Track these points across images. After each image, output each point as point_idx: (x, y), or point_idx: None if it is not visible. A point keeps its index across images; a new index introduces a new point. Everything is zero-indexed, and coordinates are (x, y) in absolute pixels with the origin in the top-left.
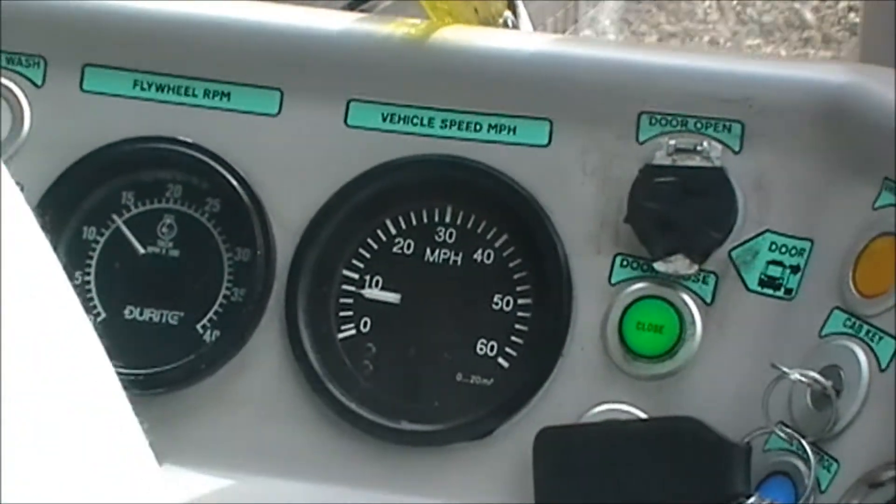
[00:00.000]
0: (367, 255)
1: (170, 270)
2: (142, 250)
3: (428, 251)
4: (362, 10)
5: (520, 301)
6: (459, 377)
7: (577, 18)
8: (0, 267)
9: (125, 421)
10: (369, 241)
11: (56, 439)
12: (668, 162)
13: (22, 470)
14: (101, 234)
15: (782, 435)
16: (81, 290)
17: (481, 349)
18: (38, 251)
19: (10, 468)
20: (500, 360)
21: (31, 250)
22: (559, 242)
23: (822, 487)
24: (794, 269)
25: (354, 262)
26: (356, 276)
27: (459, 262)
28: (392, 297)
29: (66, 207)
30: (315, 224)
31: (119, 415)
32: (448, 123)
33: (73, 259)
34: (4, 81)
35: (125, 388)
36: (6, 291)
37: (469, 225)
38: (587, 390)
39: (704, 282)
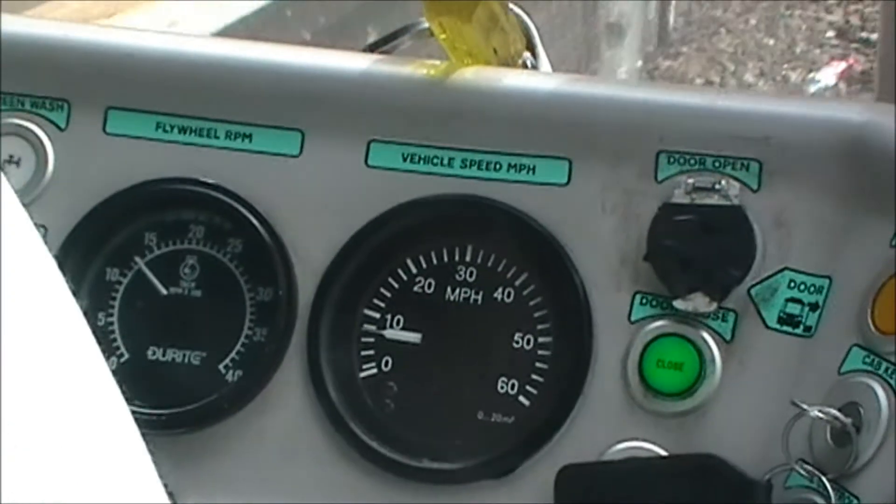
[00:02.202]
0: (388, 295)
1: (192, 311)
2: (164, 291)
3: (448, 290)
4: (382, 52)
5: (540, 339)
6: (481, 415)
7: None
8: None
9: (142, 465)
10: (390, 280)
11: (71, 482)
12: (686, 200)
13: None
14: (124, 276)
15: (803, 472)
16: (104, 332)
17: (502, 387)
18: (59, 299)
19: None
20: (521, 398)
21: (51, 296)
22: (579, 280)
23: None
24: (813, 307)
25: (376, 301)
26: (377, 315)
27: (480, 301)
28: (413, 337)
29: (90, 249)
30: (336, 264)
31: (136, 459)
32: (468, 163)
33: (96, 300)
34: (29, 125)
35: (148, 428)
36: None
37: (489, 264)
38: (608, 428)
39: (724, 319)
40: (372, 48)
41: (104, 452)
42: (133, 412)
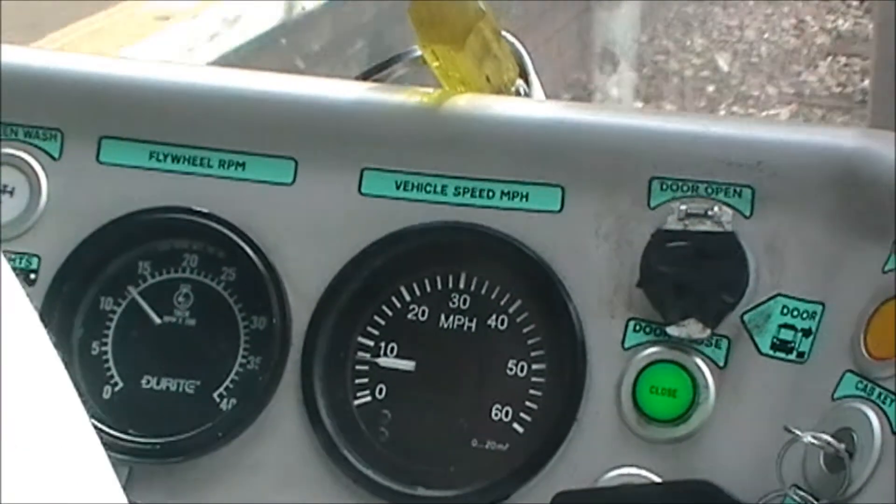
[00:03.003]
0: (382, 323)
1: (186, 339)
2: (158, 320)
3: (442, 318)
4: (375, 80)
5: (534, 366)
6: (475, 443)
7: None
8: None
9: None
10: (384, 308)
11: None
12: (679, 227)
13: None
14: (118, 305)
15: (796, 498)
16: (99, 360)
17: (496, 414)
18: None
19: None
20: (515, 425)
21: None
22: (573, 307)
23: None
24: (806, 333)
25: (370, 329)
26: (371, 343)
27: (474, 329)
28: (407, 365)
29: (84, 278)
30: (330, 292)
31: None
32: (461, 191)
33: (90, 329)
34: (22, 154)
35: (143, 456)
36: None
37: (483, 291)
38: (602, 454)
39: (717, 346)
40: (365, 76)
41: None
42: (127, 441)
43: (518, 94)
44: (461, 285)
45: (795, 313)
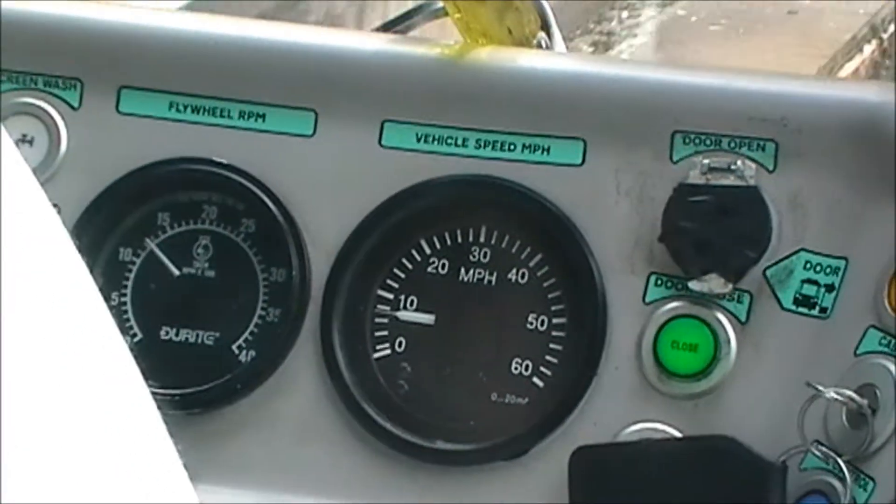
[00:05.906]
0: (402, 276)
1: (205, 291)
2: (176, 272)
3: (462, 271)
4: (396, 32)
5: (554, 320)
6: (494, 396)
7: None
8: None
9: (161, 443)
10: (404, 261)
11: (89, 461)
12: (702, 181)
13: (55, 493)
14: (137, 256)
15: (818, 454)
16: (118, 311)
17: (516, 368)
18: (75, 273)
19: (42, 491)
20: (535, 379)
21: (68, 271)
22: (593, 262)
23: None
24: (829, 288)
25: (389, 282)
26: (391, 296)
27: (494, 282)
28: (427, 318)
29: (103, 229)
30: (350, 244)
31: (154, 437)
32: (482, 143)
33: (109, 280)
34: (41, 104)
35: (161, 408)
36: (38, 310)
37: (503, 244)
38: (622, 409)
39: (739, 301)
40: (386, 28)
41: (124, 433)
42: None
43: (540, 46)
44: (481, 239)
45: (818, 268)
